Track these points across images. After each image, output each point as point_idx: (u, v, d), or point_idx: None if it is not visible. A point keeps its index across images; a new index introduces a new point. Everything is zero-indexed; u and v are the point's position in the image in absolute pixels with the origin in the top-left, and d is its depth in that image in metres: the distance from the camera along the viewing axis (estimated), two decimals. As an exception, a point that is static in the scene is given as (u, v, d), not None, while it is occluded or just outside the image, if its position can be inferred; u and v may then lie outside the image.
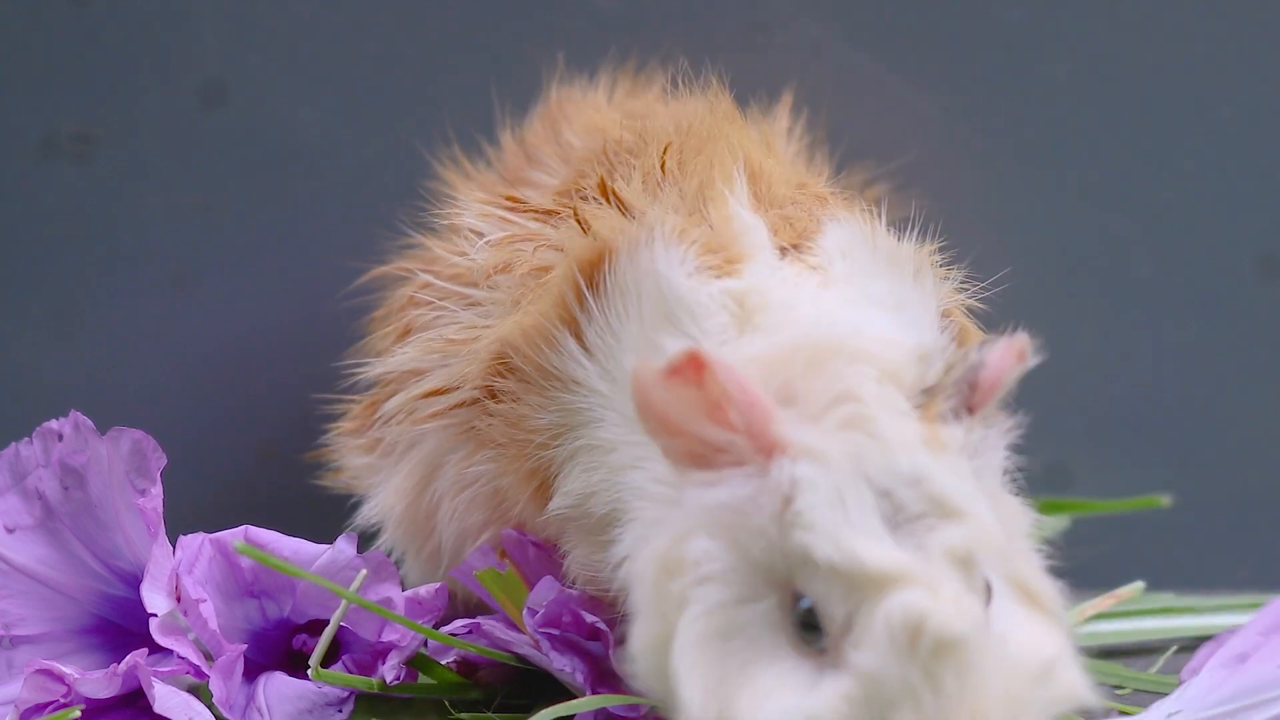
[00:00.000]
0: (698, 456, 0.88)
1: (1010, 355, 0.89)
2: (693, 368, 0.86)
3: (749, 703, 0.84)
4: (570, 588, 1.04)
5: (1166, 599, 1.28)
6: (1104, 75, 1.39)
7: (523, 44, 1.36)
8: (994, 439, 0.91)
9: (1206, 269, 1.40)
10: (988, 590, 0.86)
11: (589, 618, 1.01)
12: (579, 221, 1.02)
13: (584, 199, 1.03)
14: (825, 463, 0.85)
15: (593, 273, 0.98)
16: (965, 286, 1.03)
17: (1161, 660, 1.12)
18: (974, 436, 0.89)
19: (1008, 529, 0.90)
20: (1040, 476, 1.40)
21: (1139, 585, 1.24)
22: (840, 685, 0.84)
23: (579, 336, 0.98)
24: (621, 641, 1.02)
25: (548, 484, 1.01)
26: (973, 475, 0.88)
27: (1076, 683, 0.88)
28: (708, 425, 0.87)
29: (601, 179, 1.04)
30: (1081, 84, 1.39)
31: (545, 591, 1.03)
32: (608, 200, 1.02)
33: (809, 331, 0.91)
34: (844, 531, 0.84)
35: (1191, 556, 1.41)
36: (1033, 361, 0.90)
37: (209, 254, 1.40)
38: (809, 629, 0.85)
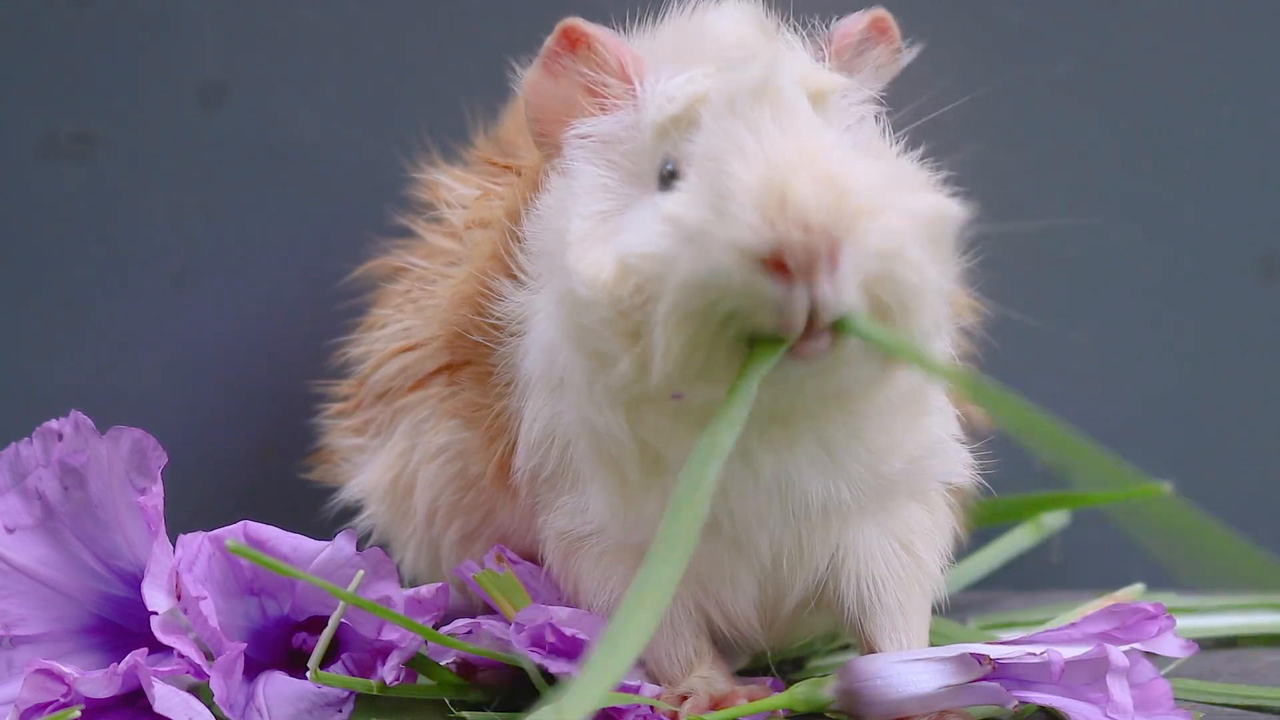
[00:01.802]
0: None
1: (867, 20, 1.01)
2: (570, 38, 0.98)
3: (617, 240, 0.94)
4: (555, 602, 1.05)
5: (1167, 599, 1.28)
6: (1104, 75, 1.39)
7: (517, 46, 1.36)
8: (864, 96, 0.99)
9: (1206, 269, 1.40)
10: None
11: (568, 630, 1.02)
12: (513, 172, 1.08)
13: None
14: (682, 66, 0.96)
15: (518, 215, 1.03)
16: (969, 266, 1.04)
17: (1174, 663, 1.12)
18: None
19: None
20: (1040, 474, 1.40)
21: (1139, 587, 1.24)
22: (685, 184, 0.92)
23: (515, 280, 1.01)
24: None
25: (510, 453, 1.03)
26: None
27: (937, 197, 0.95)
28: (592, 76, 0.98)
29: None
30: (1082, 84, 1.39)
31: (530, 614, 1.03)
32: None
33: (682, 27, 1.01)
34: (681, 89, 0.95)
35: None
36: (902, 51, 1.02)
37: (209, 254, 1.40)
38: (670, 183, 0.94)
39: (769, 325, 0.89)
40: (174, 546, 1.03)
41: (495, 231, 1.04)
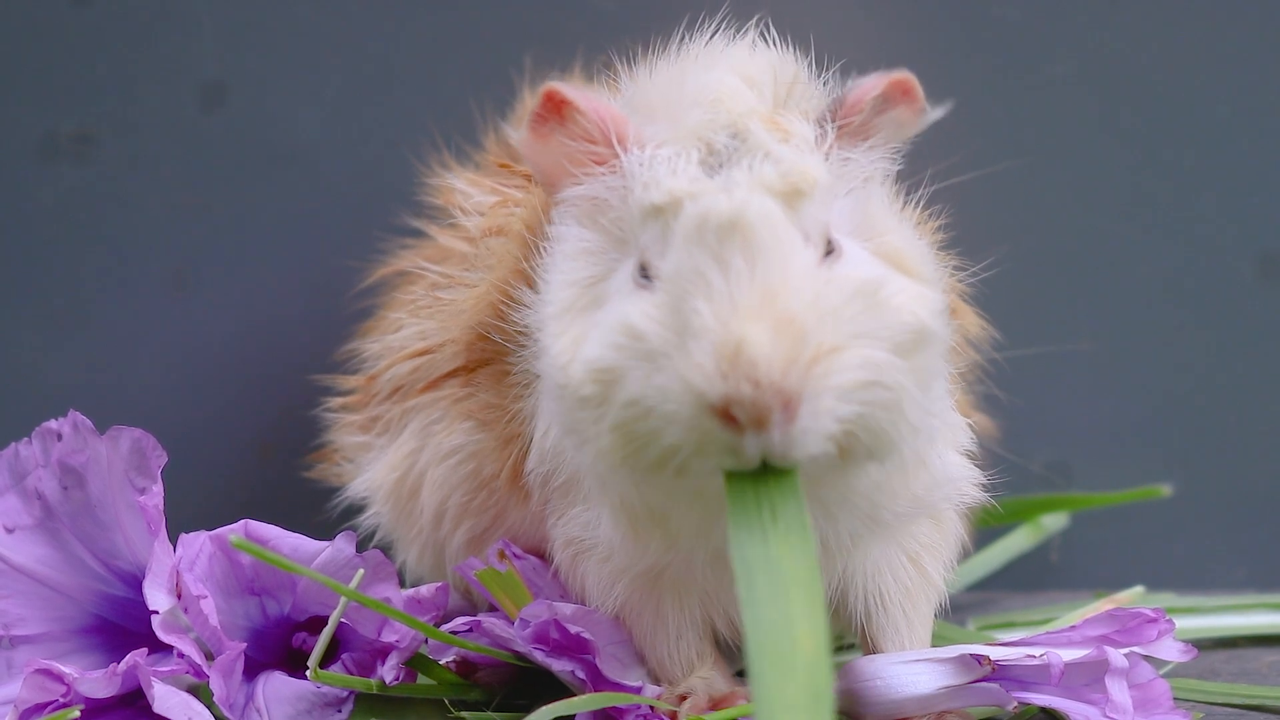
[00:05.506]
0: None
1: (884, 84, 0.96)
2: (553, 103, 0.95)
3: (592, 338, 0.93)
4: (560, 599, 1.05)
5: (1166, 599, 1.28)
6: (1104, 75, 1.39)
7: (516, 47, 1.36)
8: (874, 160, 0.97)
9: (1206, 269, 1.40)
10: (829, 242, 0.93)
11: (573, 628, 1.02)
12: (529, 180, 1.06)
13: None
14: (669, 133, 0.94)
15: (538, 225, 1.02)
16: (963, 273, 1.04)
17: (1171, 664, 1.12)
18: (847, 152, 0.96)
19: (890, 242, 0.96)
20: (1040, 475, 1.40)
21: (1138, 590, 1.24)
22: (654, 296, 0.91)
23: (536, 290, 1.00)
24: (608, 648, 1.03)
25: (524, 456, 1.03)
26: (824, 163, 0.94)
27: (914, 309, 0.92)
28: (575, 146, 0.96)
29: None
30: (1081, 84, 1.39)
31: (535, 610, 1.03)
32: None
33: (675, 79, 0.98)
34: (663, 176, 0.92)
35: (1191, 557, 1.41)
36: (932, 109, 0.97)
37: (209, 254, 1.40)
38: (645, 275, 0.93)
39: (721, 464, 0.89)
40: (174, 546, 1.04)
41: (515, 243, 1.04)
